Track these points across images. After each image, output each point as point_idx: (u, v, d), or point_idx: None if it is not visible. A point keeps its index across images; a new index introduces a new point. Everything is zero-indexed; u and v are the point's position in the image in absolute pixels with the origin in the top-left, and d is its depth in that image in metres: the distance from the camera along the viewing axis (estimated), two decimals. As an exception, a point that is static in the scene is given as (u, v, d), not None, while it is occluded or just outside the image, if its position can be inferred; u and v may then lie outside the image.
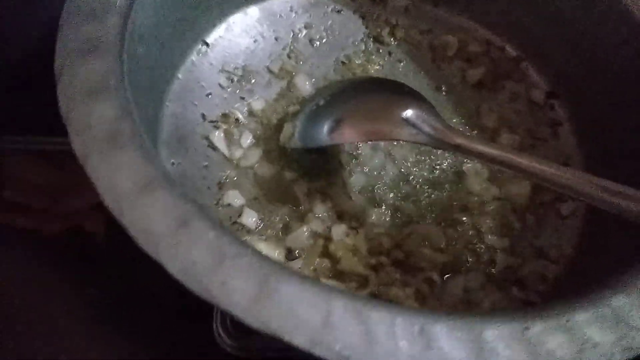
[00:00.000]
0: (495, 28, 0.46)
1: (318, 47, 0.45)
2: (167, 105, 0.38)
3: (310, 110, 0.37)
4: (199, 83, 0.40)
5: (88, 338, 0.40)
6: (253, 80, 0.42)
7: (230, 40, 0.42)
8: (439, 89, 0.44)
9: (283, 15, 0.44)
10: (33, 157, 0.47)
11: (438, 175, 0.39)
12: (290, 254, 0.35)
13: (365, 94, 0.37)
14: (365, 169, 0.39)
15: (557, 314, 0.22)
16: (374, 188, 0.38)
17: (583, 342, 0.21)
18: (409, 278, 0.33)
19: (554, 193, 0.39)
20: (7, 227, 0.44)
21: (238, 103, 0.41)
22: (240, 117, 0.40)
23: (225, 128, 0.39)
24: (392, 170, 0.39)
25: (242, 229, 0.36)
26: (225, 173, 0.38)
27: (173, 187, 0.22)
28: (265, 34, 0.44)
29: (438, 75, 0.45)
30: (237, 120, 0.40)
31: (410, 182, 0.39)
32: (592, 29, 0.39)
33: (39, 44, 0.48)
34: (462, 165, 0.40)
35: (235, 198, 0.36)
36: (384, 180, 0.39)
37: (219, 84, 0.41)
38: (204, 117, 0.39)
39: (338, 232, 0.35)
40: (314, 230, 0.35)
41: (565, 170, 0.27)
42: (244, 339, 0.38)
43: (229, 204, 0.36)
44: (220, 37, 0.42)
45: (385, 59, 0.45)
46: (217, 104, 0.40)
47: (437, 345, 0.20)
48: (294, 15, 0.45)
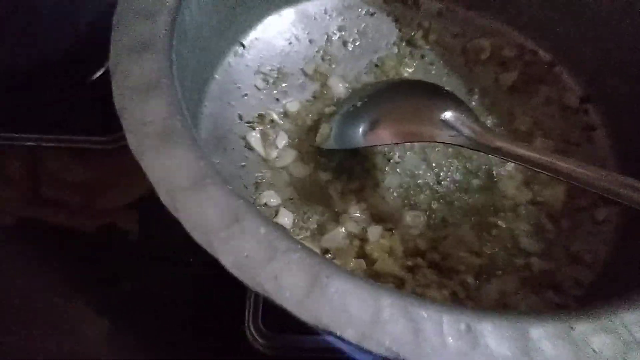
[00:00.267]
0: (529, 32, 0.46)
1: (351, 49, 0.45)
2: (205, 105, 0.38)
3: (347, 112, 0.37)
4: (236, 84, 0.41)
5: (116, 335, 0.40)
6: (288, 82, 0.42)
7: (266, 42, 0.43)
8: (472, 92, 0.44)
9: (317, 18, 0.45)
10: (69, 155, 0.48)
11: (472, 179, 0.39)
12: (326, 255, 0.35)
13: (403, 96, 0.37)
14: (400, 171, 0.39)
15: (601, 315, 0.22)
16: (409, 190, 0.38)
17: (628, 342, 0.21)
18: (445, 280, 0.33)
19: (589, 198, 0.38)
20: (43, 223, 0.45)
21: (273, 104, 0.41)
22: (276, 118, 0.41)
23: (261, 129, 0.40)
24: (426, 173, 0.39)
25: (278, 229, 0.37)
26: (262, 173, 0.38)
27: (224, 183, 0.23)
28: (300, 36, 0.44)
29: (471, 79, 0.45)
30: (272, 121, 0.41)
31: (445, 184, 0.39)
32: (627, 33, 0.39)
33: (76, 47, 0.50)
34: (495, 169, 0.40)
35: (272, 198, 0.37)
36: (418, 182, 0.39)
37: (255, 85, 0.41)
38: (241, 117, 0.40)
39: (374, 233, 0.35)
40: (350, 231, 0.35)
41: (606, 174, 0.27)
42: (276, 338, 0.38)
43: (266, 204, 0.37)
44: (256, 38, 0.43)
45: (418, 62, 0.45)
46: (253, 105, 0.41)
47: (483, 343, 0.20)
48: (328, 18, 0.45)
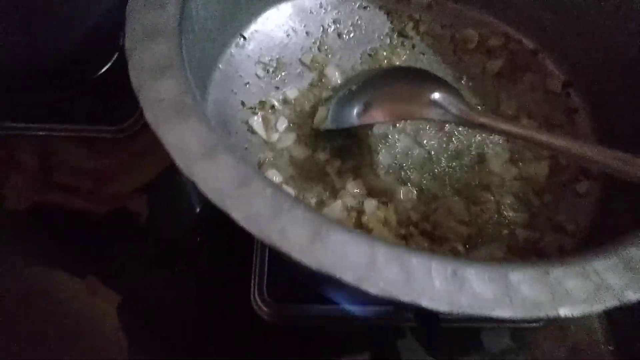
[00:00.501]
0: (514, 22, 0.48)
1: (346, 40, 0.48)
2: (209, 93, 0.41)
3: (343, 95, 0.40)
4: (238, 73, 0.43)
5: (127, 309, 0.42)
6: (286, 71, 0.45)
7: (265, 34, 0.46)
8: (460, 79, 0.47)
9: (313, 12, 0.48)
10: (79, 144, 0.51)
11: (461, 157, 0.42)
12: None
13: (395, 80, 0.39)
14: (393, 151, 0.42)
15: (574, 263, 0.24)
16: (401, 168, 0.41)
17: (598, 284, 0.23)
18: (436, 247, 0.36)
19: (571, 173, 0.41)
20: (55, 207, 0.47)
21: (273, 92, 0.44)
22: (276, 104, 0.43)
23: (263, 114, 0.42)
24: (418, 152, 0.42)
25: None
26: (264, 154, 0.41)
27: (233, 152, 0.25)
28: (297, 29, 0.47)
29: (459, 67, 0.47)
30: (273, 107, 0.43)
31: (435, 163, 0.41)
32: (606, 22, 0.42)
33: (86, 42, 0.52)
34: (484, 148, 0.42)
35: (274, 176, 0.39)
36: (411, 162, 0.41)
37: (256, 74, 0.44)
38: (243, 104, 0.42)
39: (370, 205, 0.38)
40: (347, 205, 0.38)
41: (580, 143, 0.30)
42: (280, 307, 0.41)
43: (268, 182, 0.39)
44: (256, 31, 0.45)
45: (409, 52, 0.48)
46: (254, 92, 0.43)
47: (468, 285, 0.23)
48: (323, 12, 0.48)
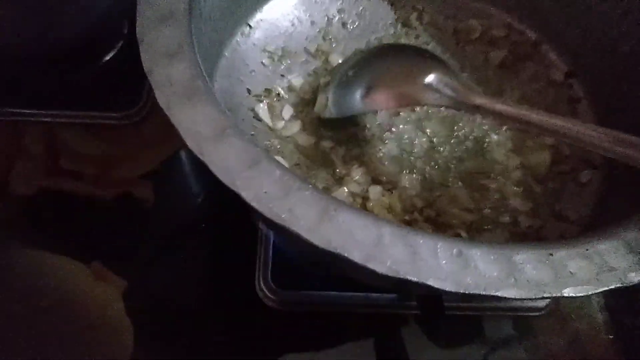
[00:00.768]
0: (516, 13, 0.49)
1: (351, 30, 0.48)
2: (216, 81, 0.41)
3: (340, 81, 0.40)
4: (244, 61, 0.44)
5: (133, 295, 0.43)
6: (292, 60, 0.45)
7: (271, 23, 0.46)
8: (463, 69, 0.47)
9: (318, 1, 0.48)
10: (85, 130, 0.51)
11: (465, 146, 0.42)
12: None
13: (389, 63, 0.39)
14: (397, 139, 0.42)
15: (577, 245, 0.25)
16: (406, 156, 0.41)
17: (601, 266, 0.24)
18: (440, 233, 0.37)
19: (573, 163, 0.42)
20: (61, 192, 0.48)
21: (279, 80, 0.44)
22: (282, 92, 0.44)
23: (268, 102, 0.43)
24: (422, 141, 0.42)
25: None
26: (270, 141, 0.41)
27: (243, 134, 0.26)
28: (302, 18, 0.47)
29: (462, 57, 0.48)
30: (278, 95, 0.44)
31: (439, 151, 0.42)
32: (607, 13, 0.42)
33: (91, 28, 0.52)
34: (486, 137, 0.43)
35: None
36: (415, 150, 0.42)
37: (262, 63, 0.44)
38: (249, 91, 0.43)
39: (374, 192, 0.38)
40: (352, 191, 0.38)
41: (575, 122, 0.30)
42: (285, 294, 0.41)
43: (274, 169, 0.40)
44: (262, 20, 0.45)
45: (413, 42, 0.48)
46: (260, 80, 0.44)
47: (473, 265, 0.23)
48: (328, 1, 0.48)
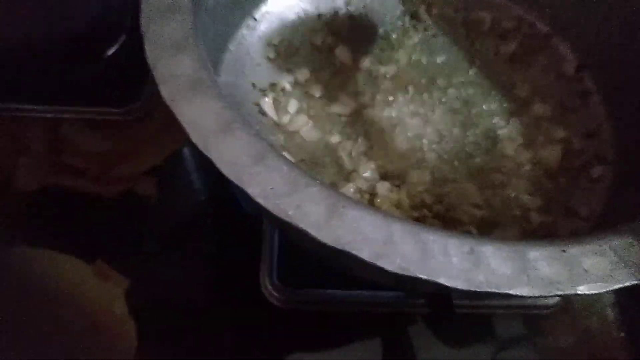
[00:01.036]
0: (526, 5, 0.48)
1: (358, 23, 0.47)
2: (220, 74, 0.40)
3: None
4: (249, 55, 0.43)
5: (137, 292, 0.42)
6: (297, 53, 0.45)
7: (276, 16, 0.45)
8: (473, 63, 0.46)
9: (324, -7, 0.47)
10: (87, 126, 0.50)
11: (474, 140, 0.41)
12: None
13: None
14: (405, 134, 0.41)
15: (591, 241, 0.24)
16: (414, 151, 0.41)
17: (615, 263, 0.23)
18: (450, 230, 0.36)
19: (584, 159, 0.41)
20: (64, 189, 0.47)
21: (284, 73, 0.44)
22: (287, 86, 0.43)
23: (274, 96, 0.42)
24: (430, 135, 0.41)
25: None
26: (275, 136, 0.41)
27: (249, 128, 0.25)
28: (308, 10, 0.46)
29: (472, 50, 0.47)
30: (283, 89, 0.43)
31: (448, 146, 0.41)
32: (618, 6, 0.41)
33: (93, 23, 0.52)
34: (497, 131, 0.42)
35: (285, 159, 0.39)
36: (423, 145, 0.41)
37: (267, 56, 0.44)
38: (254, 85, 0.42)
39: (382, 188, 0.37)
40: (360, 187, 0.38)
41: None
42: (290, 292, 0.41)
43: (280, 165, 0.39)
44: (267, 12, 0.45)
45: (422, 35, 0.48)
46: (265, 74, 0.43)
47: (485, 262, 0.22)
48: (335, -7, 0.47)
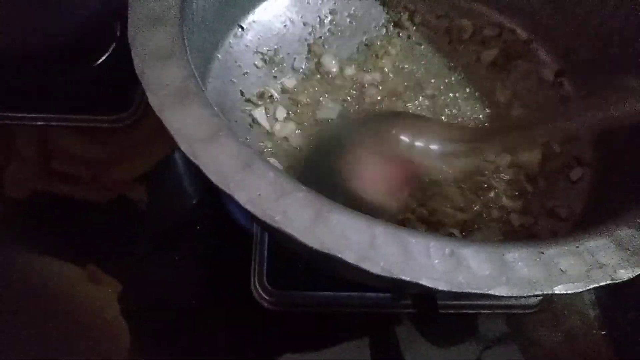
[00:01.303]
0: (507, 13, 0.49)
1: (343, 31, 0.48)
2: (209, 82, 0.41)
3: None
4: (237, 63, 0.44)
5: (128, 298, 0.43)
6: (284, 61, 0.46)
7: (263, 25, 0.46)
8: (456, 69, 0.47)
9: (310, 2, 0.48)
10: (77, 133, 0.51)
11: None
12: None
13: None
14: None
15: (567, 243, 0.25)
16: (398, 156, 0.42)
17: (591, 263, 0.24)
18: (433, 232, 0.37)
19: (564, 161, 0.42)
20: (55, 196, 0.47)
21: (272, 81, 0.45)
22: (275, 94, 0.44)
23: (262, 104, 0.43)
24: (414, 140, 0.42)
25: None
26: (264, 143, 0.41)
27: (236, 136, 0.26)
28: (294, 19, 0.47)
29: (454, 57, 0.48)
30: (271, 97, 0.44)
31: (431, 150, 0.42)
32: (597, 12, 0.42)
33: (83, 31, 0.52)
34: (478, 136, 0.43)
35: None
36: (407, 149, 0.42)
37: (255, 64, 0.44)
38: (242, 93, 0.43)
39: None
40: (346, 192, 0.39)
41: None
42: (280, 295, 0.42)
43: (268, 171, 0.40)
44: (254, 21, 0.46)
45: (405, 42, 0.49)
46: (253, 82, 0.44)
47: (465, 264, 0.23)
48: (320, 2, 0.48)
